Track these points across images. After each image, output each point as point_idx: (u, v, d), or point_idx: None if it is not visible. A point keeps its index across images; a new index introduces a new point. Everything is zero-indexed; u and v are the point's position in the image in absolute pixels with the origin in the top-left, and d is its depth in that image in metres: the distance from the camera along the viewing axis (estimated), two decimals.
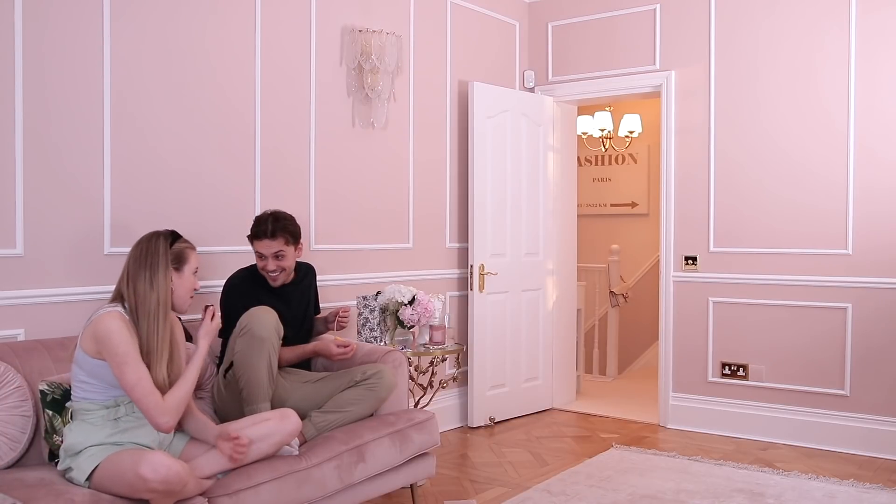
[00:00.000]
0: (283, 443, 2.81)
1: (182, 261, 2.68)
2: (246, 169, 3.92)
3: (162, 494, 2.34)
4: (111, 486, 2.39)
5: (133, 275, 2.59)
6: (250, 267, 3.52)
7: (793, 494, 3.79)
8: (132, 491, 2.34)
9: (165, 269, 2.61)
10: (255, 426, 2.74)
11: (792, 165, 4.79)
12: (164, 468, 2.31)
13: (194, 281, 2.73)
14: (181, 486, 2.35)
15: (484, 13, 5.43)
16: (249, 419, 2.82)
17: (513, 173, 5.40)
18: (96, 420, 2.53)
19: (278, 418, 2.80)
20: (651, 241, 7.39)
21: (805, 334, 4.75)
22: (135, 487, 2.32)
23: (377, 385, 3.29)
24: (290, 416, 2.83)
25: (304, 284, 3.62)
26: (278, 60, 4.06)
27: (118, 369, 2.47)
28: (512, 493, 3.83)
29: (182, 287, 2.68)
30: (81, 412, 2.55)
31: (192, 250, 2.73)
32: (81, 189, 3.24)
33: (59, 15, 3.16)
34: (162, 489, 2.31)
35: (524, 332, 5.49)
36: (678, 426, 5.15)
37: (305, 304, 3.60)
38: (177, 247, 2.67)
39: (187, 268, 2.69)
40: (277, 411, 2.87)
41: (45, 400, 2.66)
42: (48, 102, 3.12)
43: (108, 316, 2.51)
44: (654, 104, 6.54)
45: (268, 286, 3.46)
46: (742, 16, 4.94)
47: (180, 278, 2.67)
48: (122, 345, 2.47)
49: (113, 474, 2.39)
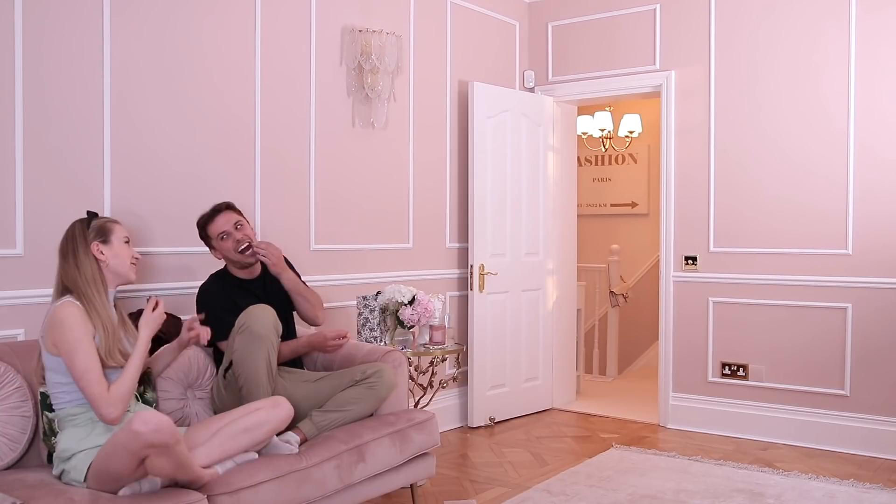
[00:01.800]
0: (277, 430, 2.83)
1: (106, 232, 2.72)
2: (246, 169, 3.92)
3: (157, 449, 2.30)
4: (108, 464, 2.36)
5: (62, 264, 2.66)
6: (216, 273, 3.46)
7: (793, 494, 3.79)
8: (129, 455, 2.31)
9: (85, 247, 2.65)
10: (248, 416, 2.75)
11: (792, 165, 4.79)
12: (154, 419, 2.30)
13: (129, 249, 2.76)
14: (173, 438, 2.33)
15: (484, 13, 5.43)
16: (241, 409, 2.82)
17: (513, 173, 5.40)
18: (84, 423, 2.53)
19: (270, 406, 2.82)
20: (651, 241, 7.39)
21: (805, 334, 4.75)
22: (130, 448, 2.29)
23: (377, 384, 3.29)
24: (282, 403, 2.85)
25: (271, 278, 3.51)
26: (278, 60, 4.06)
27: (69, 358, 2.49)
28: (512, 493, 3.83)
29: (117, 257, 2.71)
30: (68, 418, 2.55)
31: (115, 222, 2.78)
32: (81, 189, 3.24)
33: (59, 15, 3.16)
34: (156, 440, 2.28)
35: (524, 332, 5.49)
36: (678, 426, 5.15)
37: (280, 292, 3.50)
38: (95, 223, 2.72)
39: (115, 238, 2.72)
40: (268, 399, 2.88)
41: (45, 402, 2.66)
42: (48, 102, 3.12)
43: (60, 307, 2.56)
44: (654, 104, 6.54)
45: (239, 284, 3.41)
46: (742, 16, 4.94)
47: (111, 249, 2.70)
48: (73, 331, 2.50)
49: (107, 451, 2.37)
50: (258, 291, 3.44)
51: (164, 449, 2.32)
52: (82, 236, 2.67)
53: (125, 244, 2.75)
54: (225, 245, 3.37)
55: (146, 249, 3.46)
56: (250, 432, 2.72)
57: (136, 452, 2.30)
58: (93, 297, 2.61)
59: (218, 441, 2.65)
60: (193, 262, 3.66)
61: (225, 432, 2.68)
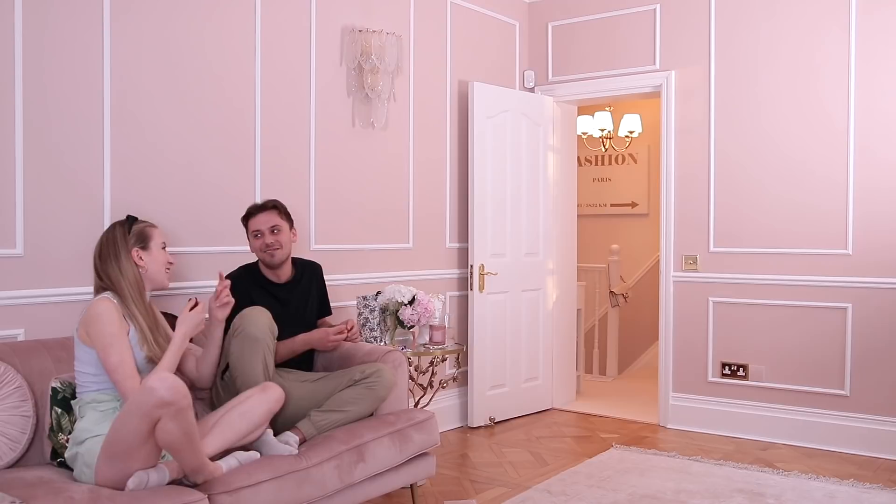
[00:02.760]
0: (272, 411, 2.87)
1: (146, 238, 2.79)
2: (246, 169, 3.92)
3: (170, 409, 2.32)
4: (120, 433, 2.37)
5: (102, 266, 2.74)
6: (246, 265, 3.52)
7: (793, 494, 3.79)
8: (141, 417, 2.32)
9: (127, 251, 2.73)
10: (240, 403, 2.80)
11: (792, 165, 4.79)
12: (170, 378, 2.36)
13: (165, 255, 2.85)
14: (186, 399, 2.36)
15: (484, 13, 5.43)
16: (233, 401, 2.85)
17: (513, 173, 5.40)
18: (106, 409, 2.57)
19: (259, 391, 2.87)
20: (651, 241, 7.38)
21: (805, 334, 4.75)
22: (143, 407, 2.31)
23: (376, 384, 3.28)
24: (271, 387, 2.91)
25: (304, 283, 3.61)
26: (278, 60, 4.06)
27: (103, 351, 2.55)
28: (512, 493, 3.83)
29: (154, 263, 2.79)
30: (93, 403, 2.59)
31: (153, 227, 2.85)
32: (82, 189, 3.24)
33: (59, 15, 3.16)
34: (170, 397, 2.31)
35: (524, 332, 5.49)
36: (678, 426, 5.15)
37: (304, 303, 3.59)
38: (136, 228, 2.79)
39: (153, 244, 2.80)
40: (257, 387, 2.92)
41: (56, 398, 2.68)
42: (48, 102, 3.12)
43: (98, 301, 2.65)
44: (654, 104, 6.54)
45: (264, 283, 3.45)
46: (742, 16, 4.94)
47: (150, 255, 2.78)
48: (109, 325, 2.57)
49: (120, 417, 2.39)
50: (281, 295, 3.47)
51: (177, 411, 2.34)
52: (123, 241, 2.75)
53: (162, 250, 2.83)
54: (255, 242, 3.47)
55: None
56: (246, 416, 2.77)
57: (149, 413, 2.32)
58: (133, 300, 2.70)
59: (217, 430, 2.69)
60: (193, 261, 3.66)
61: (222, 422, 2.73)
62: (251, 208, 3.52)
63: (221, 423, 2.73)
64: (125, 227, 2.78)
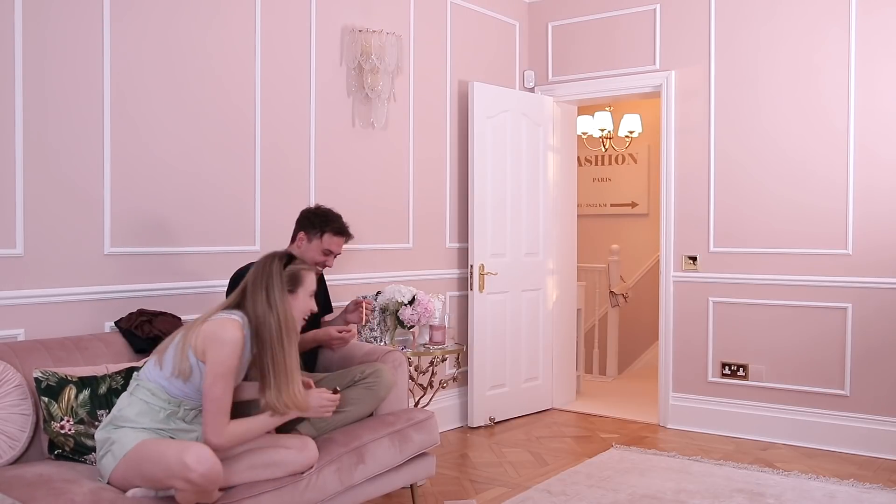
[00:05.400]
0: (297, 472, 2.77)
1: (297, 282, 2.67)
2: (246, 169, 3.93)
3: (196, 489, 2.32)
4: (145, 465, 2.37)
5: (252, 292, 2.60)
6: None
7: (793, 494, 3.79)
8: (167, 475, 2.32)
9: (281, 289, 2.60)
10: (275, 449, 2.71)
11: (792, 165, 4.79)
12: (208, 461, 2.32)
13: (310, 303, 2.72)
14: (215, 485, 2.36)
15: (484, 13, 5.43)
16: (271, 438, 2.78)
17: (513, 173, 5.40)
18: (155, 405, 2.51)
19: (298, 449, 2.76)
20: (651, 241, 7.39)
21: (805, 334, 4.75)
22: (172, 472, 2.31)
23: (376, 384, 3.29)
24: (310, 447, 2.80)
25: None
26: (278, 60, 4.06)
27: (212, 378, 2.46)
28: (512, 493, 3.83)
29: (296, 310, 2.67)
30: (145, 391, 2.52)
31: (308, 272, 2.71)
32: (81, 189, 3.24)
33: (59, 15, 3.16)
34: (200, 482, 2.30)
35: (524, 332, 5.49)
36: (678, 426, 5.14)
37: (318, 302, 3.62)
38: (291, 268, 2.66)
39: (302, 290, 2.68)
40: (298, 440, 2.82)
41: (40, 387, 2.67)
42: (48, 103, 3.12)
43: (231, 324, 2.51)
44: (654, 104, 6.54)
45: None
46: (742, 16, 4.94)
47: (295, 300, 2.66)
48: (230, 358, 2.47)
49: (153, 455, 2.37)
50: None
51: (201, 492, 2.35)
52: (279, 277, 2.62)
53: (309, 298, 2.71)
54: (318, 256, 3.48)
55: (145, 249, 3.47)
56: (271, 468, 2.68)
57: (175, 478, 2.32)
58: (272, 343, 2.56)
59: (239, 468, 2.62)
60: (192, 262, 3.66)
61: (248, 460, 2.65)
62: (341, 227, 3.49)
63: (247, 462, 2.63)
64: (282, 263, 2.65)
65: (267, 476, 2.68)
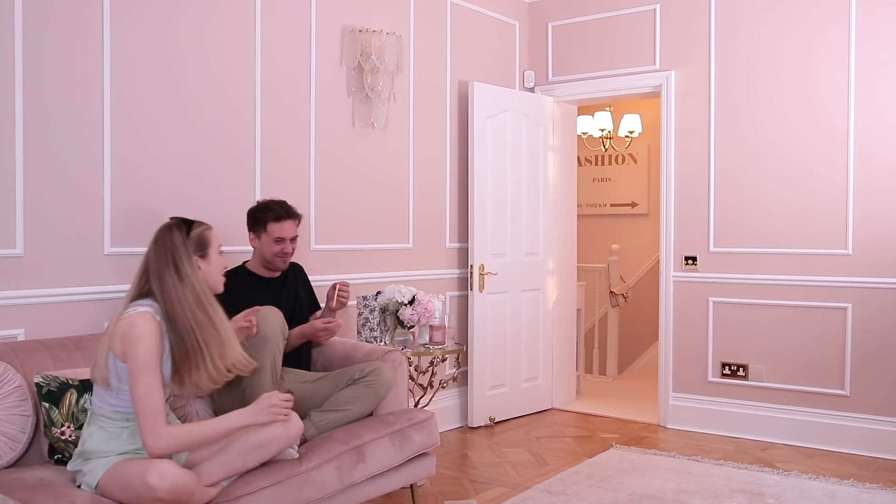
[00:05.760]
0: (286, 446, 2.78)
1: (205, 244, 2.62)
2: (246, 169, 3.92)
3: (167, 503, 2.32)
4: (118, 493, 2.36)
5: (157, 272, 2.51)
6: (236, 267, 3.52)
7: (793, 494, 3.79)
8: (139, 499, 2.32)
9: (189, 259, 2.54)
10: (258, 433, 2.68)
11: (792, 165, 4.79)
12: (171, 477, 2.29)
13: (221, 260, 2.69)
14: (188, 495, 2.34)
15: (484, 13, 5.43)
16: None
17: (513, 173, 5.40)
18: (114, 429, 2.48)
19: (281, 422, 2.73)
20: (651, 241, 7.39)
21: (805, 334, 4.75)
22: (142, 496, 2.30)
23: (375, 382, 3.28)
24: (294, 421, 2.77)
25: (290, 281, 3.63)
26: (278, 60, 4.06)
27: (133, 377, 2.39)
28: (512, 493, 3.83)
29: (213, 271, 2.65)
30: (102, 419, 2.48)
31: (210, 230, 2.67)
32: (81, 189, 3.24)
33: (59, 15, 3.16)
34: (169, 498, 2.29)
35: (524, 332, 5.49)
36: (678, 426, 5.15)
37: (293, 301, 3.61)
38: (194, 233, 2.61)
39: (212, 250, 2.64)
40: None
41: (41, 392, 2.66)
42: (48, 103, 3.12)
43: (140, 318, 2.42)
44: (654, 104, 6.54)
45: (256, 283, 3.46)
46: (742, 16, 4.94)
47: (208, 264, 2.63)
48: (146, 352, 2.39)
49: (121, 481, 2.36)
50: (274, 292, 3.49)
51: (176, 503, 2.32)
52: (184, 247, 2.54)
53: (219, 255, 2.67)
54: (273, 246, 3.45)
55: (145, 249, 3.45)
56: (262, 449, 2.65)
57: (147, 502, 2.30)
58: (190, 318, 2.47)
59: (229, 458, 2.59)
60: None
61: (236, 447, 2.61)
62: (280, 212, 3.45)
63: (234, 450, 2.60)
64: (184, 232, 2.57)
65: (259, 458, 2.65)
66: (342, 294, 3.60)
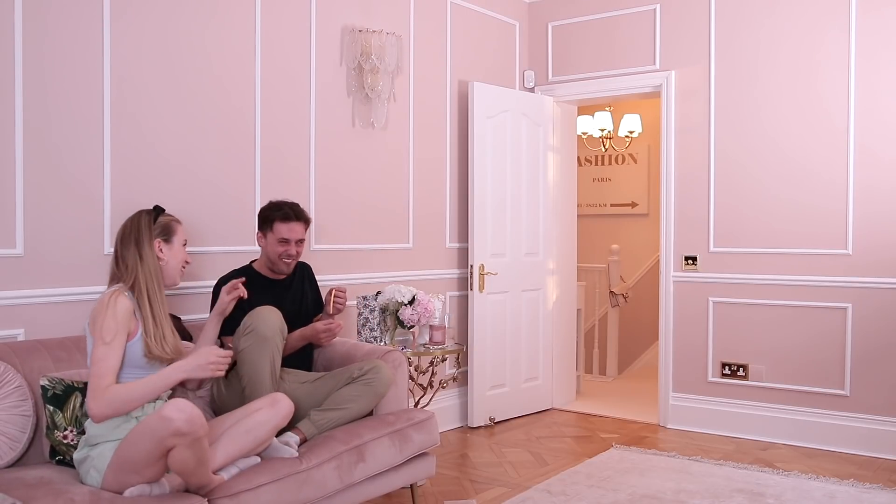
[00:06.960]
0: (278, 427, 2.81)
1: (170, 232, 2.72)
2: (246, 169, 3.93)
3: (186, 439, 2.32)
4: (135, 452, 2.36)
5: (122, 252, 2.64)
6: (241, 268, 3.52)
7: (793, 494, 3.79)
8: (156, 441, 2.32)
9: (150, 241, 2.65)
10: (248, 417, 2.74)
11: (792, 165, 4.79)
12: (188, 408, 2.32)
13: (184, 253, 2.78)
14: (203, 429, 2.35)
15: (484, 13, 5.43)
16: (241, 410, 2.81)
17: (513, 173, 5.40)
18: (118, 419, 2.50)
19: (269, 405, 2.80)
20: (651, 241, 7.39)
21: (805, 334, 4.75)
22: (158, 434, 2.31)
23: (374, 380, 3.28)
24: (281, 400, 2.82)
25: (296, 282, 3.62)
26: (278, 60, 4.06)
27: (95, 342, 2.48)
28: (512, 493, 3.83)
29: (174, 259, 2.73)
30: None
31: (178, 223, 2.78)
32: (81, 189, 3.24)
33: (59, 15, 3.16)
34: (186, 429, 2.30)
35: (524, 332, 5.49)
36: (678, 426, 5.15)
37: (298, 302, 3.60)
38: (162, 219, 2.72)
39: (176, 239, 2.74)
40: (267, 397, 2.85)
41: (46, 395, 2.66)
42: (48, 102, 3.12)
43: (109, 294, 2.54)
44: (654, 104, 6.54)
45: (260, 283, 3.45)
46: (742, 16, 4.94)
47: (171, 250, 2.72)
48: (112, 320, 2.48)
49: (135, 437, 2.37)
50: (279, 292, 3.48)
51: (192, 441, 2.33)
52: (148, 229, 2.66)
53: (182, 247, 2.76)
54: (277, 247, 3.45)
55: None
56: (252, 433, 2.71)
57: (163, 440, 2.32)
58: (152, 290, 2.61)
59: (221, 445, 2.64)
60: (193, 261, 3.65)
61: (228, 435, 2.68)
62: (289, 212, 3.47)
63: (227, 438, 2.67)
64: (150, 217, 2.70)
65: (251, 441, 2.70)
66: (338, 300, 3.59)
